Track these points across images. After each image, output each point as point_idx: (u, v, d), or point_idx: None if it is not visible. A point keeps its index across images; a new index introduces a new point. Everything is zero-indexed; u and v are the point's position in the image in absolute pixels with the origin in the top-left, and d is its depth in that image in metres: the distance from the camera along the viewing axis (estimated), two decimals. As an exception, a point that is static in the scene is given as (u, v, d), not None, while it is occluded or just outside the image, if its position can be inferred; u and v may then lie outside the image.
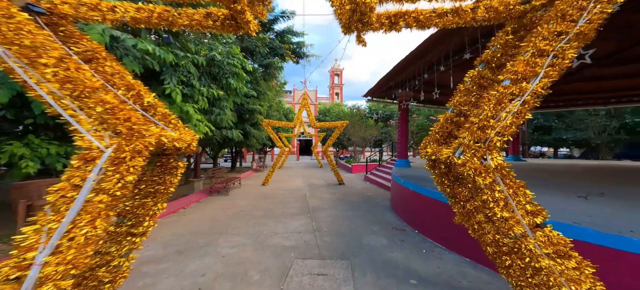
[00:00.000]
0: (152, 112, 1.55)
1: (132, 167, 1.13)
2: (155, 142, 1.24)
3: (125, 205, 1.48)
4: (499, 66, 1.64)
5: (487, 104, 1.28)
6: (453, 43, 4.62)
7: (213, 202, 7.03)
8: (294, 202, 7.07)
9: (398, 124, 7.92)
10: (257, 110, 9.65)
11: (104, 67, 1.43)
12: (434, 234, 4.04)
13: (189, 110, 4.19)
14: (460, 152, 1.33)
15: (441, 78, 6.29)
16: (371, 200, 7.33)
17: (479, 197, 1.30)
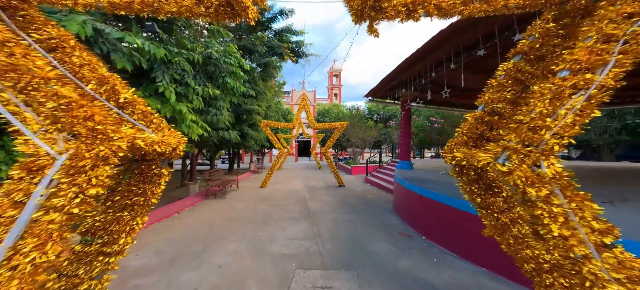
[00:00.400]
0: (129, 110, 1.29)
1: (96, 178, 0.88)
2: (127, 146, 0.98)
3: (95, 221, 1.22)
4: (538, 58, 1.40)
5: (539, 100, 1.05)
6: (465, 39, 4.40)
7: (209, 205, 6.74)
8: (294, 205, 6.81)
9: (400, 125, 7.71)
10: (255, 110, 9.38)
11: (71, 58, 1.15)
12: (443, 240, 3.81)
13: (182, 109, 3.92)
14: (505, 157, 1.09)
15: (450, 77, 6.07)
16: (373, 203, 7.09)
17: (529, 211, 1.07)
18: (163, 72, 3.93)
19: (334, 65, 41.60)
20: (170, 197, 7.75)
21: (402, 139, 7.56)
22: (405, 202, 5.16)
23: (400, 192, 5.52)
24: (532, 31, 1.48)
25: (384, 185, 9.29)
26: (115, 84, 1.28)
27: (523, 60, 1.45)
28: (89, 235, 1.18)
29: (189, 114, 4.12)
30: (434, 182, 5.16)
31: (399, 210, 5.69)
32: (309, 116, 10.65)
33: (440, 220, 3.89)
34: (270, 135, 10.46)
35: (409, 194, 4.89)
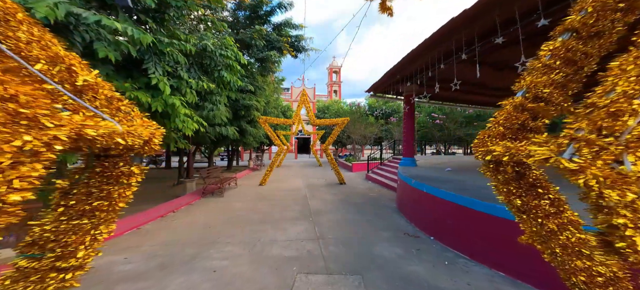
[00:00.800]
0: (90, 95, 1.03)
1: (19, 179, 0.63)
2: (70, 137, 0.73)
3: (43, 231, 0.97)
4: (593, 35, 1.14)
5: (621, 77, 0.80)
6: (479, 27, 4.11)
7: (206, 204, 6.49)
8: (294, 204, 6.57)
9: (403, 121, 7.44)
10: (253, 106, 9.10)
11: (16, 33, 0.88)
12: (454, 242, 3.57)
13: (175, 103, 3.64)
14: (572, 151, 0.85)
15: (458, 70, 5.79)
16: (376, 201, 6.86)
17: (603, 218, 0.83)
18: (155, 64, 3.65)
19: (334, 61, 41.18)
20: (167, 195, 7.50)
21: (405, 135, 7.31)
22: (412, 201, 4.92)
23: (406, 191, 5.28)
24: (583, 5, 1.22)
25: (386, 183, 9.06)
26: (72, 64, 1.01)
27: (573, 38, 1.20)
28: (37, 249, 0.93)
29: (182, 108, 3.85)
30: (440, 179, 4.92)
31: (404, 209, 5.46)
32: (309, 112, 10.38)
33: (452, 222, 3.66)
34: (269, 132, 10.20)
35: (415, 192, 4.65)
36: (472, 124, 15.51)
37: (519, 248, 1.53)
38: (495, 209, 2.93)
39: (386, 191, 8.41)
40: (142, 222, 4.75)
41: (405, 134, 7.31)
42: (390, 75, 7.10)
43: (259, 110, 10.51)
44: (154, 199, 7.04)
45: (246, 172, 14.36)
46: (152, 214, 5.20)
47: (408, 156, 7.24)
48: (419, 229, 4.47)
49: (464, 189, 3.90)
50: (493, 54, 5.50)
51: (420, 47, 5.32)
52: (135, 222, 4.64)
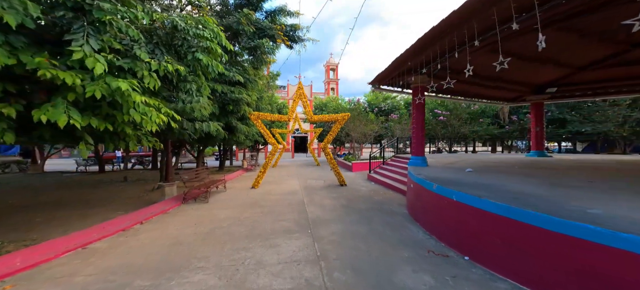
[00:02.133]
0: None
1: None
2: None
3: None
4: None
5: None
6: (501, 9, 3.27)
7: (184, 213, 5.51)
8: (289, 211, 5.63)
9: (412, 116, 6.56)
10: (243, 100, 8.11)
11: None
12: (508, 267, 2.67)
13: (121, 86, 2.66)
14: None
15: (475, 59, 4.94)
16: (383, 206, 5.95)
17: None
18: (87, 35, 2.66)
19: (331, 58, 40.31)
20: (142, 201, 6.48)
21: (414, 132, 6.42)
22: (432, 208, 4.03)
23: (422, 196, 4.38)
24: None
25: (391, 184, 8.18)
26: None
27: None
28: None
29: (136, 95, 2.87)
30: (465, 183, 4.02)
31: (419, 217, 4.56)
32: (307, 107, 9.44)
33: (501, 240, 2.76)
34: (262, 129, 9.23)
35: (438, 199, 3.76)
36: (477, 121, 14.76)
37: None
38: (603, 235, 1.98)
39: (392, 194, 7.53)
40: (95, 239, 3.76)
41: (415, 131, 6.42)
42: (398, 65, 6.19)
43: (250, 106, 9.53)
44: (124, 207, 6.03)
45: (239, 173, 13.36)
46: (112, 226, 4.21)
47: (418, 155, 6.36)
48: (445, 244, 3.57)
49: (513, 199, 3.00)
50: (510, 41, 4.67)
51: (433, 30, 4.44)
52: (85, 239, 3.65)
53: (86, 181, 10.81)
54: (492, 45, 4.72)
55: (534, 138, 8.76)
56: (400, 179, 8.24)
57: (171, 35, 4.09)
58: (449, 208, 3.47)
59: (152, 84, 3.22)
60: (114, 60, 2.85)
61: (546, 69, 6.44)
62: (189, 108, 4.67)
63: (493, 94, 8.63)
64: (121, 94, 2.73)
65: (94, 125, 2.71)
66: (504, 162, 7.64)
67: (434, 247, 3.52)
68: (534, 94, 8.07)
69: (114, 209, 5.95)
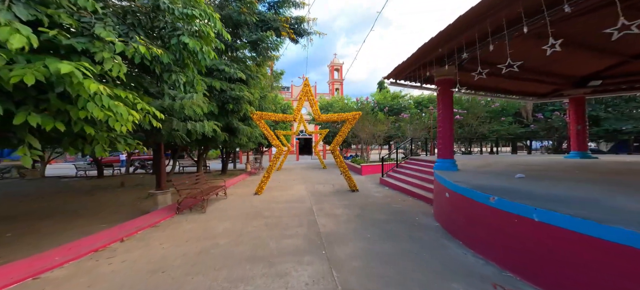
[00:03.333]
0: None
1: None
2: None
3: None
4: None
5: None
6: None
7: (176, 226, 4.77)
8: (297, 223, 4.84)
9: (439, 113, 5.72)
10: (245, 98, 7.40)
11: None
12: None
13: (61, 69, 1.92)
14: None
15: (514, 48, 4.13)
16: (407, 217, 5.12)
17: None
18: (10, 3, 1.94)
19: (335, 59, 39.63)
20: (131, 211, 5.78)
21: (441, 131, 5.57)
22: (488, 226, 3.16)
23: (468, 209, 3.54)
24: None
25: (409, 190, 7.33)
26: None
27: None
28: None
29: (89, 83, 2.14)
30: (536, 195, 3.14)
31: (464, 234, 3.70)
32: (314, 105, 8.67)
33: (611, 271, 1.92)
34: (265, 130, 8.50)
35: (498, 215, 2.92)
36: (498, 120, 13.72)
37: None
38: None
39: (412, 200, 6.68)
40: (57, 263, 3.03)
41: (441, 129, 5.57)
42: (421, 55, 5.36)
43: (252, 105, 8.82)
44: (112, 217, 5.34)
45: (242, 178, 12.67)
46: (84, 245, 3.50)
47: (445, 157, 5.49)
48: (513, 273, 2.70)
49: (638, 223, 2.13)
50: (554, 26, 3.82)
51: (468, 15, 3.64)
52: (44, 264, 2.94)
53: (82, 187, 10.25)
54: (536, 30, 3.88)
55: (574, 137, 7.77)
56: (419, 184, 7.39)
57: (153, 17, 3.37)
58: (523, 229, 2.62)
59: (117, 71, 2.48)
60: (61, 38, 2.13)
61: (594, 57, 5.53)
62: (179, 105, 3.95)
63: (524, 88, 7.70)
64: (70, 82, 1.99)
65: (35, 124, 1.99)
66: (548, 165, 6.64)
67: (499, 279, 2.67)
68: (574, 88, 7.12)
69: (100, 220, 5.27)
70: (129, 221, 4.82)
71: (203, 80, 5.63)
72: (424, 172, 8.00)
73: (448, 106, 5.58)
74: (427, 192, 6.64)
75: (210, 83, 6.35)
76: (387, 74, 6.95)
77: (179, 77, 3.69)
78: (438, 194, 4.92)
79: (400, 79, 7.08)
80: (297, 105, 8.70)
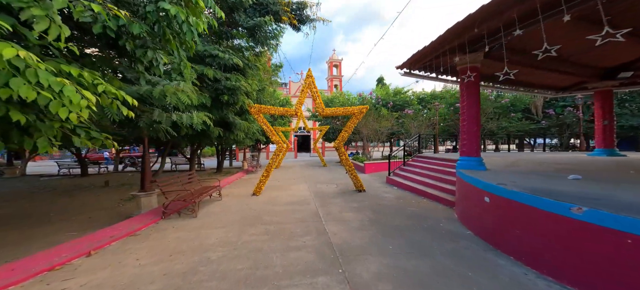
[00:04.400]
0: None
1: None
2: None
3: None
4: None
5: None
6: None
7: (159, 235, 4.04)
8: (303, 230, 4.15)
9: (462, 105, 5.07)
10: (241, 89, 6.63)
11: None
12: None
13: None
14: None
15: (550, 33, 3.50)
16: (429, 223, 4.46)
17: None
18: None
19: (334, 55, 38.84)
20: (115, 214, 5.01)
21: (466, 126, 4.91)
22: (554, 239, 2.52)
23: (519, 217, 2.89)
24: None
25: (422, 190, 6.70)
26: None
27: None
28: None
29: (6, 48, 1.39)
30: (619, 202, 2.50)
31: (509, 245, 3.05)
32: (317, 99, 7.95)
33: None
34: (264, 125, 7.77)
35: (578, 229, 2.27)
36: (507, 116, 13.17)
37: None
38: None
39: (426, 202, 6.05)
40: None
41: (466, 123, 4.92)
42: (444, 41, 4.69)
43: (250, 97, 8.05)
44: (88, 223, 4.58)
45: (239, 176, 11.91)
46: (34, 263, 2.74)
47: (471, 155, 4.85)
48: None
49: None
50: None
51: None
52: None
53: (62, 186, 9.39)
54: (579, 13, 3.25)
55: (600, 134, 7.21)
56: (434, 184, 6.76)
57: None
58: (608, 243, 1.97)
59: (55, 35, 1.74)
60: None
61: (635, 44, 4.92)
62: (159, 92, 3.20)
63: (546, 80, 7.11)
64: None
65: None
66: (581, 163, 5.98)
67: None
68: (601, 80, 6.54)
69: (71, 226, 4.51)
70: (104, 229, 4.06)
71: (193, 67, 4.87)
72: (438, 171, 7.37)
73: (474, 98, 4.92)
74: (444, 194, 6.01)
75: (201, 71, 5.58)
76: (400, 63, 6.27)
77: (158, 55, 2.93)
78: (466, 197, 4.27)
79: (416, 69, 6.41)
80: (300, 97, 7.97)
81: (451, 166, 7.12)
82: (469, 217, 4.05)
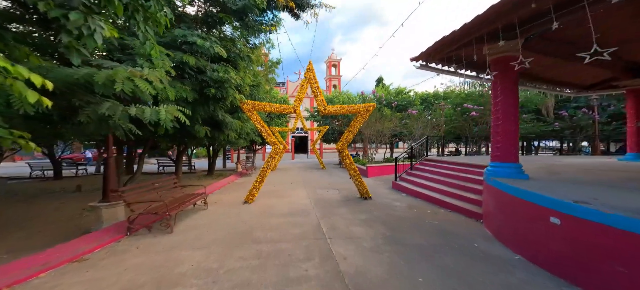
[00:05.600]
0: None
1: None
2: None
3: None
4: None
5: None
6: None
7: (117, 260, 3.09)
8: (304, 254, 3.26)
9: (495, 102, 4.25)
10: (230, 82, 5.72)
11: None
12: None
13: None
14: None
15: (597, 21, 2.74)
16: (459, 240, 3.62)
17: None
18: None
19: (332, 55, 38.18)
20: (68, 230, 4.00)
21: (501, 126, 4.07)
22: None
23: (620, 248, 2.06)
24: None
25: (437, 198, 5.87)
26: None
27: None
28: None
29: None
30: None
31: (596, 281, 2.22)
32: (318, 95, 7.09)
33: None
34: (258, 124, 6.87)
35: None
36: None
37: None
38: None
39: (444, 212, 5.22)
40: None
41: (502, 124, 4.08)
42: (470, 30, 3.88)
43: (242, 92, 7.15)
44: (23, 242, 3.61)
45: (231, 179, 10.95)
46: None
47: (506, 161, 4.00)
48: None
49: None
50: None
51: None
52: None
53: (27, 191, 8.31)
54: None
55: (632, 136, 6.51)
56: (450, 191, 5.95)
57: None
58: None
59: None
60: None
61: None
62: (105, 77, 2.29)
63: (570, 76, 6.38)
64: None
65: None
66: (623, 170, 5.24)
67: None
68: (635, 77, 5.85)
69: (11, 243, 3.55)
70: (44, 251, 3.10)
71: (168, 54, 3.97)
72: (455, 177, 6.55)
73: (510, 92, 4.10)
74: (466, 203, 5.20)
75: (180, 58, 4.68)
76: (416, 55, 5.43)
77: (94, 22, 2.02)
78: (506, 211, 3.44)
79: (433, 61, 5.57)
80: (298, 94, 7.09)
81: (472, 172, 6.31)
82: (516, 238, 3.21)
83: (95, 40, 1.94)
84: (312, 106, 24.40)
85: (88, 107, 2.60)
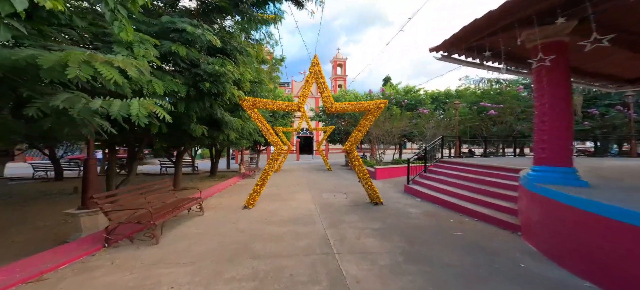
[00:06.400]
0: None
1: None
2: None
3: None
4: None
5: None
6: None
7: (81, 279, 2.57)
8: (309, 276, 2.67)
9: (541, 95, 3.57)
10: (227, 76, 5.20)
11: None
12: None
13: None
14: None
15: None
16: (499, 258, 2.96)
17: None
18: None
19: (338, 54, 37.60)
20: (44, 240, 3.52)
21: (549, 123, 3.36)
22: None
23: None
24: None
25: (459, 205, 5.18)
26: None
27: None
28: None
29: None
30: None
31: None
32: (324, 92, 6.51)
33: None
34: (259, 123, 6.36)
35: None
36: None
37: None
38: None
39: (470, 222, 4.53)
40: None
41: (549, 121, 3.38)
42: (521, 3, 3.19)
43: (241, 87, 6.64)
44: (11, 249, 3.14)
45: (233, 181, 10.51)
46: None
47: (557, 164, 3.29)
48: None
49: None
50: None
51: None
52: None
53: (21, 193, 8.04)
54: None
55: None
56: (474, 197, 5.24)
57: None
58: None
59: None
60: None
61: None
62: (54, 61, 1.78)
63: (617, 68, 5.57)
64: None
65: None
66: None
67: None
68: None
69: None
70: (2, 268, 2.61)
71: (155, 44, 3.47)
72: (480, 182, 5.83)
73: (560, 82, 3.40)
74: (498, 212, 4.51)
75: (168, 47, 4.19)
76: (436, 45, 4.79)
77: None
78: (569, 226, 2.75)
79: (456, 52, 4.91)
80: (302, 91, 6.54)
81: (502, 175, 5.58)
82: (581, 260, 2.53)
83: (13, 3, 1.42)
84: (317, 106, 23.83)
85: (41, 99, 2.11)
